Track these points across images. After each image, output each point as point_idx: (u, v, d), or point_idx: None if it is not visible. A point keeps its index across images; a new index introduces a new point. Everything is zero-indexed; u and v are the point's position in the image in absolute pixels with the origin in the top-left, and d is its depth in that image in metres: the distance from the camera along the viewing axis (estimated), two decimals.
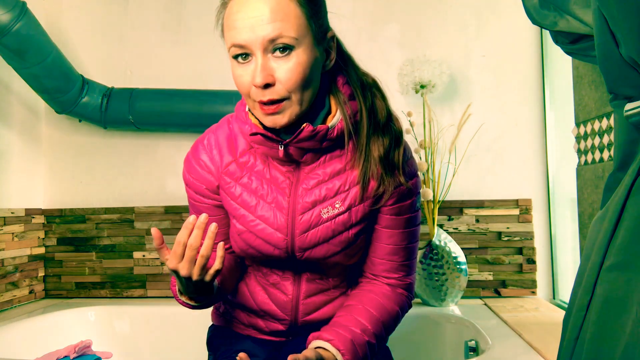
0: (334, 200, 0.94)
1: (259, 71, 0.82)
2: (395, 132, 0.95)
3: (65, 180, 2.11)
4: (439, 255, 1.71)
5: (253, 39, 0.81)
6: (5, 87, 1.93)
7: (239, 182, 0.97)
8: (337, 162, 0.95)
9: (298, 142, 0.89)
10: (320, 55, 0.89)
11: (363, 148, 0.92)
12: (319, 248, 0.95)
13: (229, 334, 1.13)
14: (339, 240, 0.95)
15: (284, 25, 0.81)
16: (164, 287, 2.02)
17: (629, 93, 0.63)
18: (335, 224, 0.94)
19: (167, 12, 2.09)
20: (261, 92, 0.83)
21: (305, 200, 0.94)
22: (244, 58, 0.85)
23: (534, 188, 1.90)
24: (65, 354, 1.25)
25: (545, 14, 0.91)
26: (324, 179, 0.94)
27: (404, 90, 1.78)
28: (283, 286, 1.03)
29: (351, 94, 0.93)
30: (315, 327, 1.02)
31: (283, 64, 0.82)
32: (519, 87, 1.92)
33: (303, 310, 1.04)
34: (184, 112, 1.92)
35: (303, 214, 0.94)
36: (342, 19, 2.01)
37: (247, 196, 0.96)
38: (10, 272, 1.89)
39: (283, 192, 0.95)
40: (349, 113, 0.92)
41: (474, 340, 1.46)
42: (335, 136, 0.91)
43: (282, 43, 0.81)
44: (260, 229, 0.96)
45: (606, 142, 1.27)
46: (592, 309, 0.62)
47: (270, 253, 0.97)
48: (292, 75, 0.82)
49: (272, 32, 0.81)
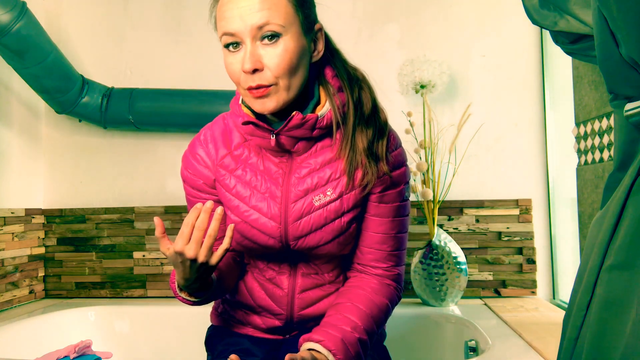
0: (326, 188, 0.97)
1: (247, 57, 0.86)
2: (379, 124, 0.98)
3: (65, 180, 2.11)
4: (439, 255, 1.71)
5: (242, 27, 0.85)
6: (5, 87, 1.93)
7: (233, 174, 1.00)
8: (328, 152, 0.98)
9: (289, 130, 0.92)
10: (308, 45, 0.92)
11: (349, 139, 0.95)
12: (312, 236, 0.97)
13: (227, 333, 1.14)
14: (331, 227, 0.97)
15: (271, 13, 0.85)
16: (164, 287, 2.02)
17: (629, 93, 0.63)
18: (327, 212, 0.97)
19: (167, 12, 2.09)
20: (250, 77, 0.87)
21: (298, 189, 0.97)
22: (234, 47, 0.88)
23: (534, 188, 1.90)
24: (65, 354, 1.25)
25: (545, 14, 0.91)
26: (315, 168, 0.97)
27: (404, 90, 1.78)
28: (279, 280, 1.04)
29: (340, 86, 0.96)
30: (311, 322, 1.04)
31: (271, 50, 0.86)
32: (519, 87, 1.92)
33: (299, 304, 1.05)
34: (184, 112, 1.92)
35: (296, 202, 0.97)
36: (342, 19, 2.02)
37: (241, 187, 0.99)
38: (10, 272, 1.89)
39: (276, 182, 0.98)
40: (338, 104, 0.95)
41: (474, 340, 1.46)
42: (324, 125, 0.94)
43: (270, 30, 0.86)
44: (255, 219, 0.98)
45: (606, 142, 1.27)
46: (592, 309, 0.62)
47: (265, 243, 0.99)
48: (279, 61, 0.86)
49: (260, 19, 0.85)
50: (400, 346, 1.67)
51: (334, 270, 1.06)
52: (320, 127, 0.94)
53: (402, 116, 1.87)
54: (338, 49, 1.01)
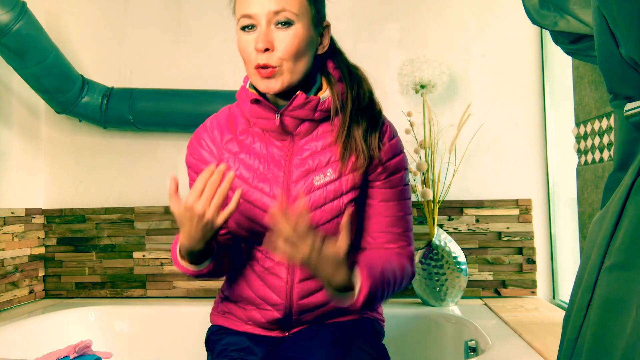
0: (326, 169, 1.03)
1: (261, 37, 0.95)
2: (374, 115, 1.05)
3: (65, 180, 2.11)
4: (439, 255, 1.71)
5: (260, 10, 0.95)
6: (5, 87, 1.93)
7: (237, 157, 1.06)
8: (328, 136, 1.04)
9: (292, 109, 1.00)
10: (316, 36, 1.02)
11: (346, 125, 1.03)
12: (312, 215, 1.01)
13: (227, 333, 1.15)
14: (331, 207, 1.02)
15: (288, 1, 0.95)
16: (164, 287, 2.02)
17: (629, 93, 0.63)
18: (327, 192, 1.02)
19: (167, 12, 2.09)
20: (260, 56, 0.96)
21: (300, 170, 1.03)
22: (250, 28, 0.97)
23: (534, 188, 1.90)
24: (65, 354, 1.25)
25: (545, 14, 0.91)
26: (316, 150, 1.04)
27: (404, 90, 1.78)
28: (278, 270, 1.06)
29: (340, 77, 1.05)
30: (310, 312, 1.06)
31: (282, 34, 0.96)
32: (519, 87, 1.92)
33: (298, 293, 1.06)
34: (184, 112, 1.92)
35: (297, 182, 1.02)
36: (342, 19, 2.02)
37: (245, 170, 1.05)
38: (10, 272, 1.89)
39: (278, 165, 1.04)
40: (337, 91, 1.03)
41: (474, 340, 1.46)
42: (326, 108, 1.02)
43: (284, 17, 0.95)
44: (257, 198, 1.03)
45: (606, 142, 1.27)
46: (592, 309, 0.62)
47: (266, 223, 1.00)
48: (288, 44, 0.95)
49: (277, 6, 0.95)
50: (400, 346, 1.67)
51: None
52: (321, 110, 1.02)
53: (402, 116, 1.87)
54: (340, 49, 1.10)
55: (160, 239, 2.02)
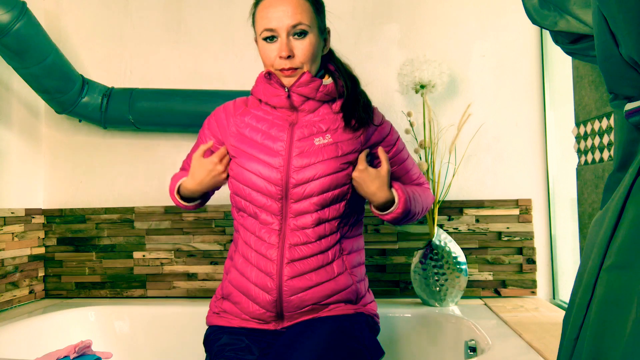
0: (325, 134, 1.21)
1: (284, 47, 1.17)
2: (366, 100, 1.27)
3: (65, 180, 2.11)
4: (439, 255, 1.71)
5: (281, 25, 1.17)
6: (5, 87, 1.93)
7: (247, 121, 1.26)
8: (328, 115, 1.24)
9: (299, 86, 1.20)
10: (322, 42, 1.25)
11: (341, 105, 1.24)
12: (311, 168, 1.17)
13: (223, 332, 1.20)
14: (327, 164, 1.18)
15: (302, 16, 1.17)
16: (164, 287, 2.02)
17: (629, 93, 0.63)
18: (325, 151, 1.19)
19: (167, 12, 2.09)
20: (284, 62, 1.18)
21: (302, 132, 1.21)
22: (271, 39, 1.19)
23: (534, 188, 1.90)
24: (65, 354, 1.25)
25: (545, 14, 0.91)
26: (317, 121, 1.22)
27: (404, 90, 1.78)
28: (269, 253, 1.18)
29: (335, 69, 1.27)
30: (298, 296, 1.16)
31: (299, 43, 1.19)
32: (519, 87, 1.92)
33: (287, 273, 1.16)
34: (184, 112, 1.92)
35: (300, 140, 1.20)
36: (342, 19, 2.02)
37: (253, 132, 1.23)
38: (10, 272, 1.89)
39: (283, 128, 1.22)
40: (337, 81, 1.25)
41: (474, 340, 1.46)
42: (327, 91, 1.22)
43: (301, 29, 1.18)
44: (264, 152, 1.21)
45: (606, 142, 1.27)
46: (592, 309, 0.62)
47: (268, 176, 1.18)
48: (305, 51, 1.19)
49: (294, 20, 1.17)
50: (401, 346, 1.67)
51: (323, 239, 1.19)
52: (323, 92, 1.22)
53: (402, 116, 1.87)
54: (332, 49, 1.31)
55: (160, 239, 2.02)
